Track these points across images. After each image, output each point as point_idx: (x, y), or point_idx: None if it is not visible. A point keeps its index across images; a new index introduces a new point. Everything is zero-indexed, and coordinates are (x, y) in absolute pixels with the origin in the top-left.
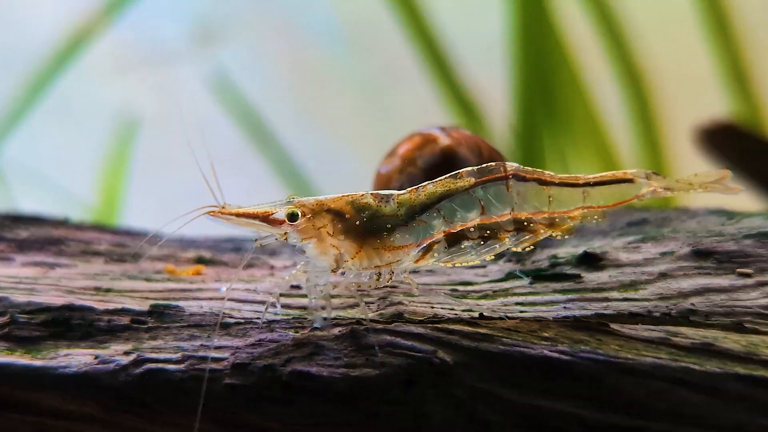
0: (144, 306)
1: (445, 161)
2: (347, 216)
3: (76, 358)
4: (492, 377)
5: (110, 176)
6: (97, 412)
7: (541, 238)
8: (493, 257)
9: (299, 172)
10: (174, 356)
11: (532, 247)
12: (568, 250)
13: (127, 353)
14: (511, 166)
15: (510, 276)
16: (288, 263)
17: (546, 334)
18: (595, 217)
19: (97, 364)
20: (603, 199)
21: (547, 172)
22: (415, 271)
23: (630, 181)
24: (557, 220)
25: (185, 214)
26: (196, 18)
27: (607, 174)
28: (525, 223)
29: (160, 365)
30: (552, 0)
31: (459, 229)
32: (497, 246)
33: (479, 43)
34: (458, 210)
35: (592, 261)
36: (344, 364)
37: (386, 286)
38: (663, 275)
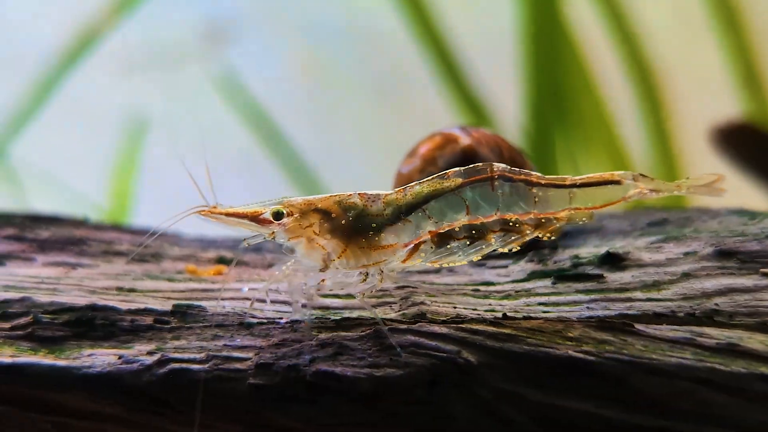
0: (167, 306)
1: (466, 161)
2: (334, 215)
3: (100, 358)
4: (516, 377)
5: (120, 176)
6: (120, 412)
7: (528, 239)
8: (479, 257)
9: (309, 173)
10: (198, 356)
11: (518, 247)
12: (589, 251)
13: (150, 353)
14: (498, 167)
15: (532, 276)
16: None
17: (570, 335)
18: (583, 218)
19: (121, 364)
20: (590, 200)
21: (534, 173)
22: (435, 271)
23: (617, 182)
24: (543, 221)
25: (176, 214)
26: (206, 18)
27: (594, 175)
28: (511, 224)
29: (184, 365)
30: (563, 0)
31: (446, 229)
32: (483, 246)
33: (489, 43)
34: (445, 210)
35: (614, 261)
36: (368, 364)
37: (407, 287)
38: (686, 275)
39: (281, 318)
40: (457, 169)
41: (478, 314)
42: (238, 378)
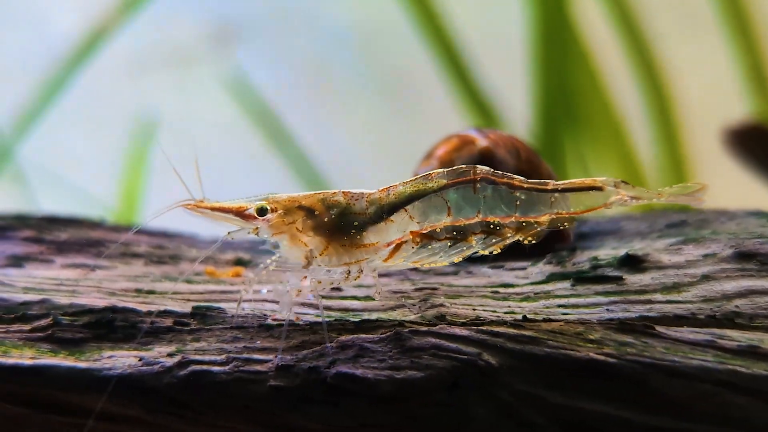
0: (186, 308)
1: (483, 162)
2: (317, 213)
3: (120, 359)
4: (537, 380)
5: (129, 177)
6: (140, 414)
7: (509, 242)
8: (460, 258)
9: (316, 173)
10: (218, 358)
11: (499, 250)
12: (608, 252)
13: (171, 355)
14: (482, 169)
15: (551, 278)
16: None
17: (591, 337)
18: (564, 223)
19: (142, 365)
20: (571, 205)
21: (517, 176)
22: (453, 273)
23: (599, 188)
24: (525, 224)
25: (162, 208)
26: (214, 19)
27: (576, 181)
28: (492, 227)
29: (205, 367)
30: (572, 2)
31: (428, 230)
32: (465, 248)
33: (498, 45)
34: (427, 211)
35: (633, 263)
36: (389, 366)
37: (426, 288)
38: (706, 277)
39: (300, 319)
40: (440, 170)
41: (498, 316)
42: (259, 380)
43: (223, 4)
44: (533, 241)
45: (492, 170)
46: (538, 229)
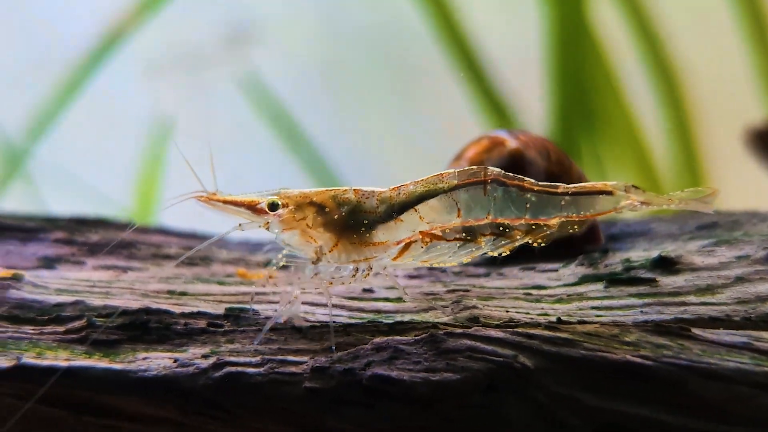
0: (219, 309)
1: (514, 164)
2: (328, 209)
3: (155, 361)
4: (573, 382)
5: (145, 178)
6: (175, 415)
7: (518, 244)
8: (469, 259)
9: (331, 174)
10: (253, 359)
11: (508, 252)
12: (640, 254)
13: (205, 356)
14: (493, 171)
15: (584, 280)
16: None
17: (627, 339)
18: (574, 226)
19: (177, 367)
20: (582, 208)
21: (528, 179)
22: (485, 275)
23: (609, 192)
24: (534, 227)
25: (174, 198)
26: (229, 20)
27: (587, 184)
28: (502, 229)
29: (240, 368)
30: (588, 3)
31: (437, 230)
32: (474, 249)
33: (514, 47)
34: (437, 211)
35: (666, 265)
36: (424, 369)
37: (458, 290)
38: (740, 279)
39: (333, 321)
40: (451, 170)
41: (532, 318)
42: (294, 381)
43: (238, 5)
44: (543, 244)
45: (503, 172)
46: (548, 232)
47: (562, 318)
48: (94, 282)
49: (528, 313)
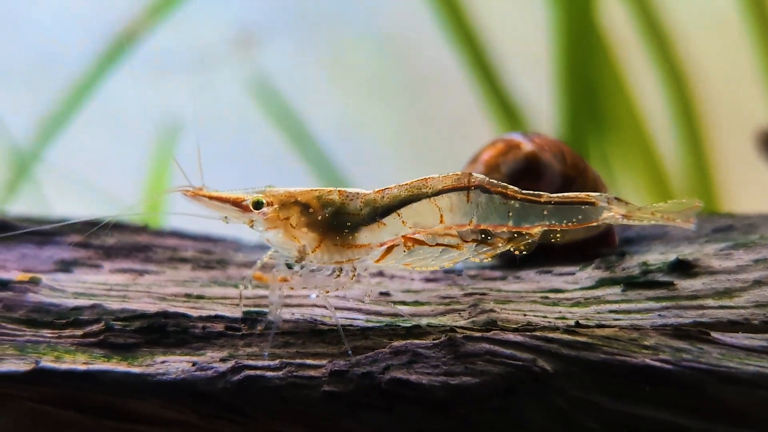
0: (236, 313)
1: (529, 167)
2: (311, 210)
3: (173, 365)
4: (592, 386)
5: (154, 180)
6: (193, 419)
7: (500, 251)
8: (452, 264)
9: (340, 176)
10: (271, 363)
11: (490, 258)
12: (656, 257)
13: (223, 360)
14: (477, 177)
15: (601, 283)
16: (373, 270)
17: (646, 343)
18: (557, 235)
19: (195, 371)
20: (564, 218)
21: (511, 187)
22: (501, 278)
23: (591, 203)
24: (516, 234)
25: (159, 192)
26: (238, 22)
27: (570, 194)
28: (484, 235)
29: (258, 372)
30: (597, 3)
31: (420, 234)
32: (456, 254)
33: (523, 47)
34: (420, 216)
35: (684, 268)
36: (443, 372)
37: (475, 294)
38: (758, 282)
39: (350, 325)
40: (436, 176)
41: (549, 322)
42: (313, 385)
43: (246, 7)
44: (524, 252)
45: (487, 179)
46: (529, 240)
47: (580, 321)
48: (111, 285)
49: (546, 317)
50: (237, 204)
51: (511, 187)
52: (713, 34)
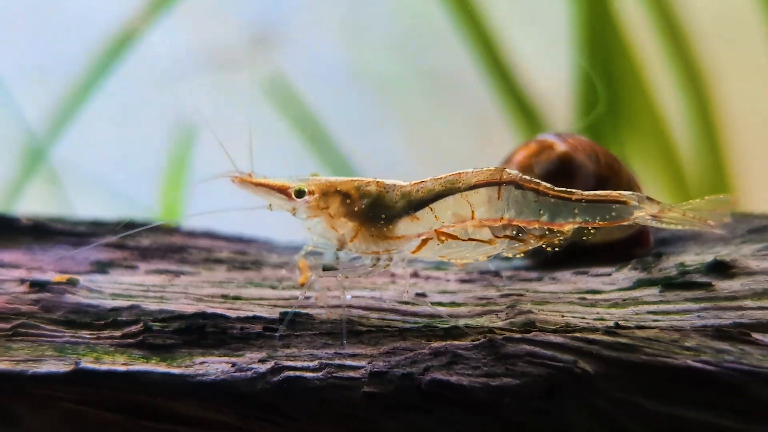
0: (274, 313)
1: (562, 167)
2: (350, 200)
3: (213, 365)
4: (634, 387)
5: (171, 180)
6: (232, 420)
7: (531, 247)
8: (486, 258)
9: (358, 176)
10: (311, 364)
11: (522, 254)
12: (693, 258)
13: (262, 361)
14: (510, 173)
15: (638, 284)
16: (410, 269)
17: (687, 344)
18: (590, 233)
19: (235, 371)
20: (596, 216)
21: (544, 183)
22: (537, 279)
23: (623, 202)
24: (548, 231)
25: (210, 176)
26: (254, 22)
27: (602, 193)
28: (515, 231)
29: (298, 373)
30: (615, 3)
31: (451, 227)
32: (488, 249)
33: (541, 46)
34: (452, 210)
35: (722, 269)
36: (484, 374)
37: (512, 295)
38: None
39: (388, 326)
40: (470, 170)
41: (588, 323)
42: (353, 386)
43: (262, 6)
44: (556, 249)
45: (520, 175)
46: (561, 237)
47: (619, 323)
48: (148, 286)
49: (584, 318)
50: (282, 191)
51: (543, 183)
52: (730, 33)
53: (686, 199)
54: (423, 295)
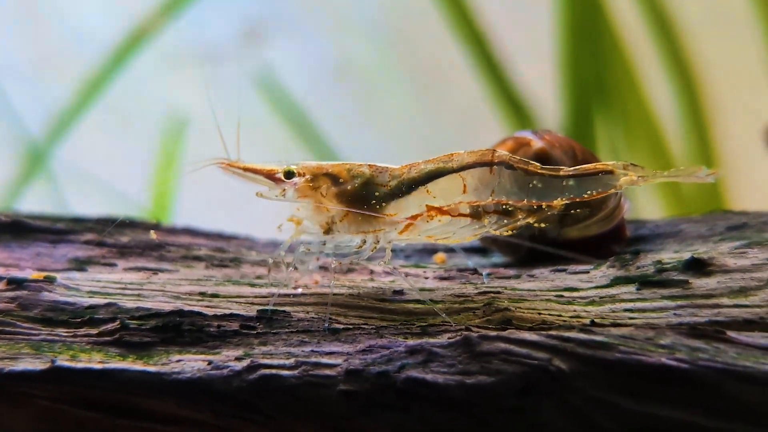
0: (251, 311)
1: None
2: (341, 180)
3: (189, 363)
4: (609, 385)
5: (161, 175)
6: (209, 418)
7: (521, 224)
8: (473, 238)
9: None
10: (287, 362)
11: (510, 231)
12: (671, 256)
13: (239, 359)
14: (501, 153)
15: (616, 282)
16: (387, 268)
17: (662, 342)
18: (577, 209)
19: (211, 369)
20: (584, 189)
21: (533, 162)
22: (515, 277)
23: (610, 171)
24: (537, 208)
25: (196, 163)
26: (244, 17)
27: (588, 166)
28: (505, 209)
29: (274, 371)
30: None
31: (443, 207)
32: (477, 227)
33: (528, 38)
34: (445, 189)
35: (699, 267)
36: (459, 372)
37: (489, 292)
38: None
39: (366, 323)
40: (461, 151)
41: (564, 321)
42: (328, 384)
43: (252, 2)
44: (544, 226)
45: (510, 155)
46: (549, 213)
47: (595, 320)
48: (126, 284)
49: (560, 316)
50: (270, 175)
51: (533, 162)
52: (722, 30)
53: (675, 190)
54: (401, 292)
